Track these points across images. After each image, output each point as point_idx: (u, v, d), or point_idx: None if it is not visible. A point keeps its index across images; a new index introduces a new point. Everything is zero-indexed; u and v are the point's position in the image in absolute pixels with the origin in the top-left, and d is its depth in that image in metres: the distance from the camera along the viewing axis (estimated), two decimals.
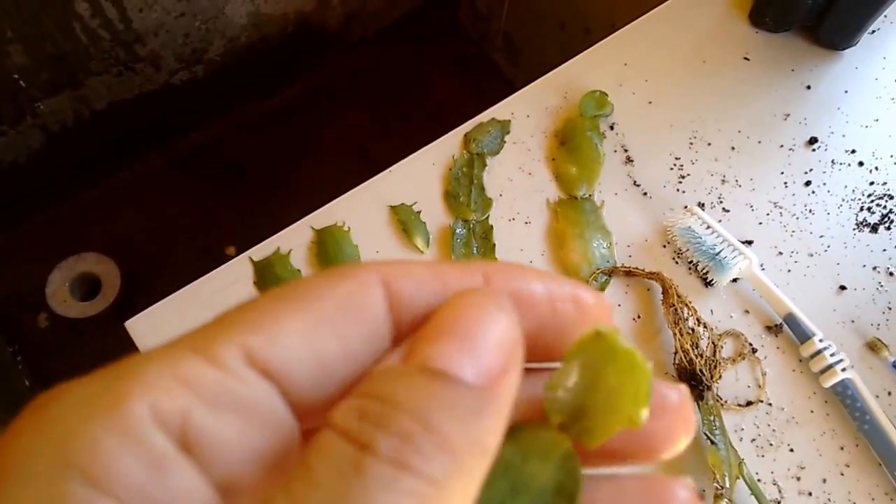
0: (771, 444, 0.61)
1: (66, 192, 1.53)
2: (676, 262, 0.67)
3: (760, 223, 0.69)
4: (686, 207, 0.68)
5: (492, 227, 0.68)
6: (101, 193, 1.57)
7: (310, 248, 0.67)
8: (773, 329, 0.65)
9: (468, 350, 0.19)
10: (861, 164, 0.72)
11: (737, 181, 0.71)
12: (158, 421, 0.17)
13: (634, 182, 0.71)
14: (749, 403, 0.62)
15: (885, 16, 0.78)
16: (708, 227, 0.65)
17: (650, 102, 0.74)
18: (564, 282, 0.23)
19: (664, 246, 0.68)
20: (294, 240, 0.68)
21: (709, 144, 0.73)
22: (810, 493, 0.59)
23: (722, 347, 0.64)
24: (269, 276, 0.66)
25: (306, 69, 1.70)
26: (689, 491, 0.23)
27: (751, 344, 0.64)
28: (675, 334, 0.62)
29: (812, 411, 0.62)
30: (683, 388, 0.24)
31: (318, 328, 0.20)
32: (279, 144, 1.66)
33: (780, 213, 0.70)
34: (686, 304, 0.63)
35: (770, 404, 0.62)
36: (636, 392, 0.21)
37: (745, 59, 0.77)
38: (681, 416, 0.23)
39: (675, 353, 0.62)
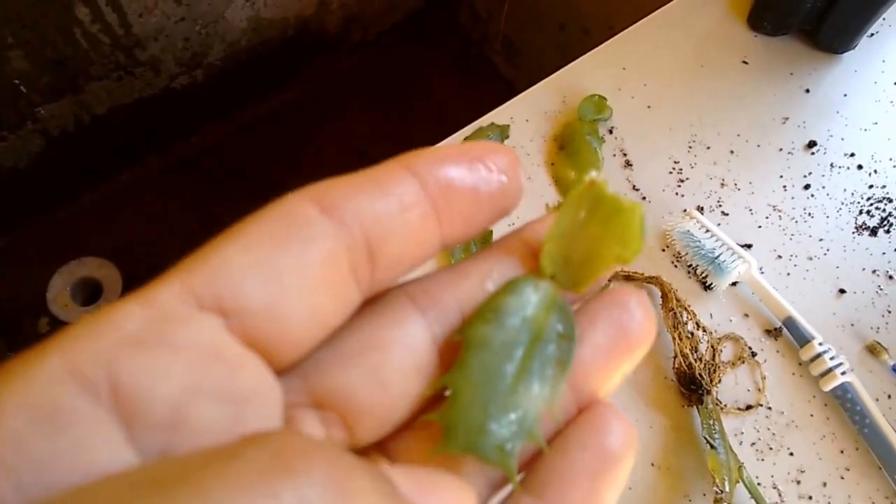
0: (771, 448, 0.61)
1: (66, 196, 1.53)
2: (676, 266, 0.68)
3: (759, 227, 0.69)
4: (685, 211, 0.68)
5: (491, 231, 0.68)
6: (101, 198, 1.57)
7: None
8: (772, 332, 0.65)
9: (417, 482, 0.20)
10: (860, 167, 0.72)
11: (736, 185, 0.71)
12: (75, 376, 0.16)
13: (633, 186, 0.71)
14: (749, 407, 0.62)
15: (884, 19, 0.78)
16: (707, 231, 0.66)
17: (649, 106, 0.75)
18: (474, 149, 0.23)
19: (663, 250, 0.68)
20: None
21: (708, 148, 0.73)
22: (810, 497, 0.59)
23: (721, 351, 0.64)
24: None
25: (306, 72, 1.70)
26: (642, 298, 0.24)
27: (750, 348, 0.64)
28: (674, 338, 0.62)
29: (812, 415, 0.62)
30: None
31: (266, 253, 0.19)
32: (279, 147, 1.66)
33: (780, 216, 0.70)
34: (685, 308, 0.63)
35: (770, 408, 0.62)
36: (624, 233, 0.23)
37: (744, 62, 0.77)
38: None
39: (675, 357, 0.62)
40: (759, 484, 0.59)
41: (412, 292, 0.23)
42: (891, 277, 0.67)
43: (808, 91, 0.76)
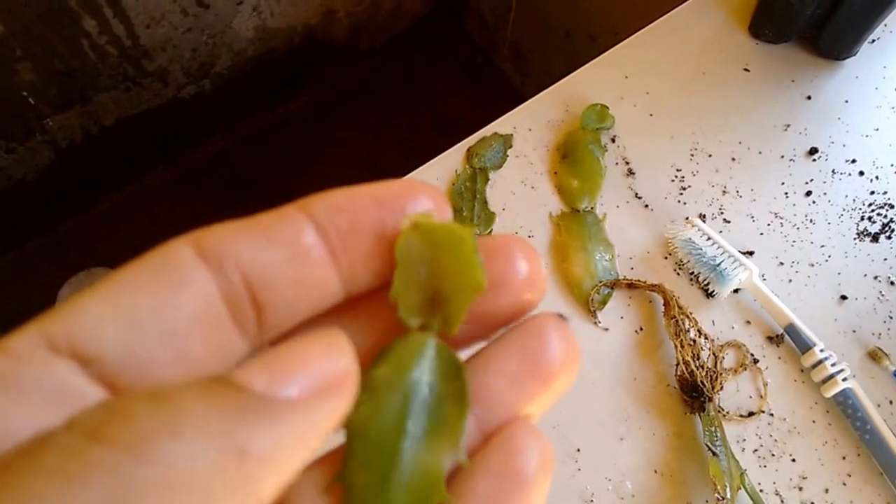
0: (773, 455, 0.61)
1: (75, 207, 1.54)
2: (678, 274, 0.68)
3: (761, 234, 0.70)
4: (687, 219, 0.69)
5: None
6: (110, 208, 1.58)
7: None
8: (774, 339, 0.65)
9: (268, 367, 0.18)
10: (861, 173, 0.72)
11: (738, 192, 0.71)
12: None
13: (636, 194, 0.71)
14: (751, 414, 0.62)
15: (885, 25, 0.78)
16: (708, 239, 0.66)
17: (651, 115, 0.75)
18: (386, 189, 0.22)
19: (666, 257, 0.69)
20: None
21: (709, 156, 0.73)
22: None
23: (723, 358, 0.64)
24: None
25: (313, 81, 1.71)
26: (560, 320, 0.23)
27: (752, 354, 0.65)
28: (676, 346, 0.62)
29: (814, 421, 0.62)
30: (530, 254, 0.23)
31: (126, 298, 0.18)
32: (287, 156, 1.67)
33: (781, 223, 0.70)
34: (687, 316, 0.64)
35: (772, 414, 0.63)
36: (469, 260, 0.22)
37: (746, 70, 0.77)
38: (528, 280, 0.23)
39: (677, 364, 0.62)
40: (761, 490, 0.59)
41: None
42: (892, 283, 0.68)
43: (809, 98, 0.76)
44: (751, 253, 0.69)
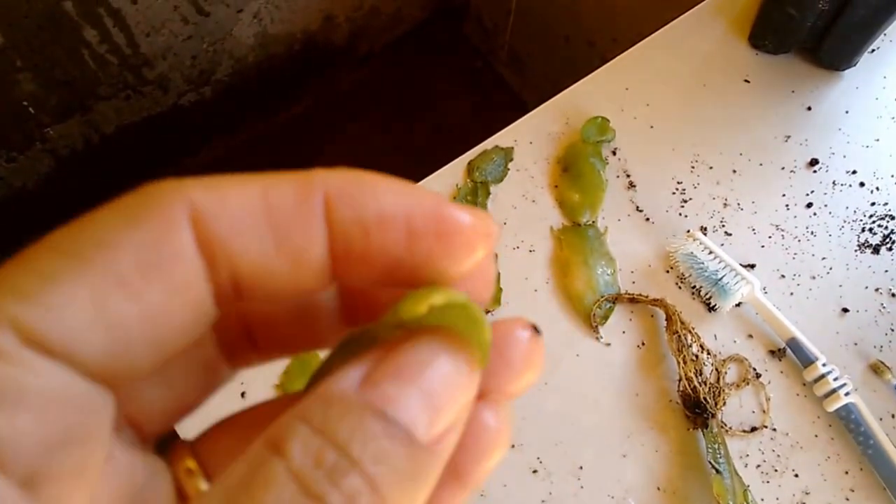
0: (776, 470, 0.61)
1: (75, 216, 1.54)
2: (680, 288, 0.68)
3: (763, 246, 0.70)
4: (688, 232, 0.69)
5: (496, 255, 0.69)
6: None
7: None
8: (776, 353, 0.65)
9: (427, 406, 0.19)
10: (862, 184, 0.72)
11: (739, 204, 0.72)
12: None
13: (637, 207, 0.71)
14: (753, 429, 0.63)
15: (885, 35, 0.78)
16: (710, 253, 0.66)
17: (652, 127, 0.75)
18: (426, 196, 0.21)
19: (667, 271, 0.69)
20: None
21: (710, 168, 0.73)
22: None
23: (726, 373, 0.64)
24: None
25: (314, 87, 1.71)
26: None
27: (754, 369, 0.65)
28: (678, 361, 0.62)
29: (816, 436, 0.63)
30: (526, 332, 0.22)
31: (110, 292, 0.17)
32: (288, 162, 1.66)
33: (782, 235, 0.70)
34: (689, 331, 0.64)
35: (774, 429, 0.63)
36: (481, 336, 0.21)
37: (746, 81, 0.77)
38: (525, 356, 0.22)
39: (680, 380, 0.62)
40: None
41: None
42: (893, 295, 0.68)
43: (809, 108, 0.76)
44: (752, 266, 0.69)
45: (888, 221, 0.71)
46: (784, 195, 0.72)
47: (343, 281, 0.21)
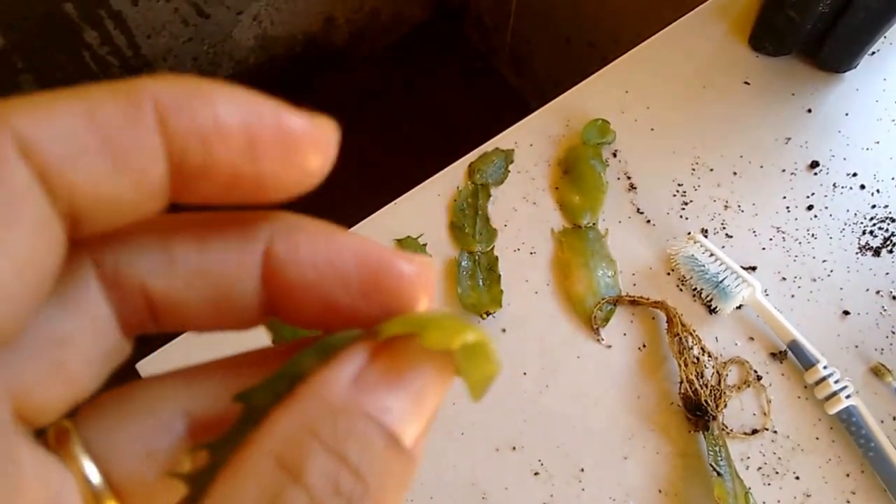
0: (777, 472, 0.61)
1: None
2: (681, 290, 0.68)
3: (763, 248, 0.70)
4: (689, 234, 0.69)
5: (497, 258, 0.69)
6: None
7: None
8: (777, 356, 0.65)
9: (415, 414, 0.19)
10: (863, 187, 0.72)
11: (739, 206, 0.72)
12: None
13: (638, 209, 0.71)
14: (755, 431, 0.63)
15: (885, 37, 0.78)
16: (711, 255, 0.66)
17: (652, 129, 0.75)
18: (265, 104, 0.19)
19: (668, 273, 0.69)
20: None
21: (711, 170, 0.73)
22: None
23: (727, 376, 0.64)
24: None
25: (315, 88, 1.71)
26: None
27: (755, 371, 0.65)
28: (679, 364, 0.63)
29: (817, 438, 0.63)
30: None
31: (96, 119, 0.17)
32: None
33: (783, 237, 0.70)
34: (690, 333, 0.64)
35: (775, 432, 0.63)
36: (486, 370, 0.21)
37: (746, 83, 0.77)
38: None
39: (681, 382, 0.62)
40: None
41: (101, 258, 0.20)
42: (894, 298, 0.68)
43: (809, 111, 0.76)
44: (753, 268, 0.69)
45: (889, 224, 0.71)
46: (785, 197, 0.72)
47: (184, 198, 0.19)
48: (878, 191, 0.72)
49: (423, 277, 0.21)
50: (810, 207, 0.72)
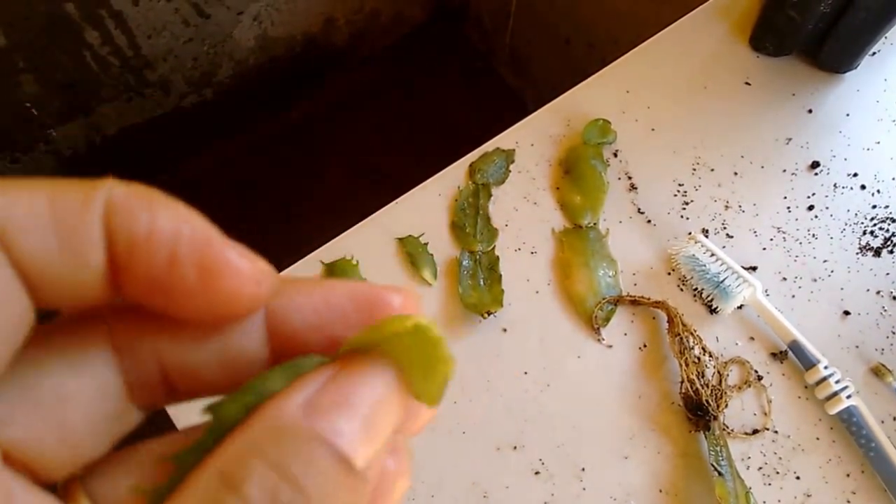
0: (777, 472, 0.61)
1: None
2: (681, 290, 0.68)
3: (764, 248, 0.70)
4: (690, 234, 0.69)
5: (498, 257, 0.69)
6: None
7: None
8: (778, 356, 0.65)
9: (367, 435, 0.20)
10: (863, 187, 0.73)
11: (740, 206, 0.72)
12: None
13: (638, 209, 0.72)
14: (755, 431, 0.63)
15: (886, 38, 0.78)
16: (711, 255, 0.66)
17: (653, 129, 0.75)
18: (202, 227, 0.21)
19: (669, 273, 0.69)
20: (303, 273, 0.68)
21: (711, 170, 0.73)
22: None
23: (727, 376, 0.64)
24: None
25: (315, 89, 1.71)
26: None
27: (756, 371, 0.65)
28: (680, 364, 0.63)
29: (818, 438, 0.63)
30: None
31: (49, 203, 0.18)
32: (288, 163, 1.67)
33: (784, 238, 0.70)
34: (691, 333, 0.64)
35: (776, 432, 0.63)
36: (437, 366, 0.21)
37: (747, 83, 0.77)
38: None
39: (682, 382, 0.62)
40: None
41: (116, 326, 0.21)
42: (895, 298, 0.68)
43: (810, 111, 0.76)
44: (754, 268, 0.69)
45: (889, 224, 0.71)
46: (785, 197, 0.72)
47: (123, 293, 0.20)
48: (878, 191, 0.72)
49: (412, 307, 0.23)
50: (811, 207, 0.72)
